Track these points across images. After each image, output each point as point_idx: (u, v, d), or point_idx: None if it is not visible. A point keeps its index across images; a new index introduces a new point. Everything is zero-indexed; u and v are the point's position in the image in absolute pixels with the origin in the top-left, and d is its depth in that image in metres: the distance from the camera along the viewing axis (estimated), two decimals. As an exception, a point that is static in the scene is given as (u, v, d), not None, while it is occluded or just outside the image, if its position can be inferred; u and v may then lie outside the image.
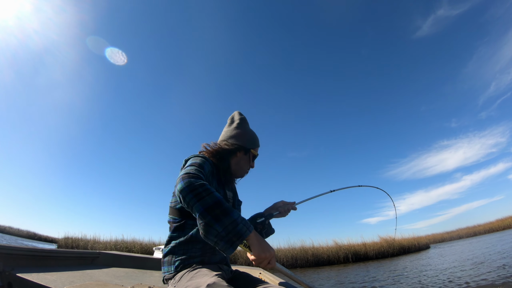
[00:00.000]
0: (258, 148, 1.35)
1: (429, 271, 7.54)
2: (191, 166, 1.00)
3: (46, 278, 1.41)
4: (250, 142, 1.29)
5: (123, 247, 13.48)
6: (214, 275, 0.89)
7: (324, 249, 14.33)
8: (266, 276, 1.97)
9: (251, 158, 1.30)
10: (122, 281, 1.71)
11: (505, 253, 8.67)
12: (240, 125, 1.32)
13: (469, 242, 18.41)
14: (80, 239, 15.29)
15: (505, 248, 9.99)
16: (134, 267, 2.46)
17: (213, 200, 0.82)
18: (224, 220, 0.80)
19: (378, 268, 10.28)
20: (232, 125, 1.33)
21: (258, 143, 1.34)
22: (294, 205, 1.36)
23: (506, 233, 19.16)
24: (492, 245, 12.39)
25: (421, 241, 18.18)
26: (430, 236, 23.12)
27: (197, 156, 1.11)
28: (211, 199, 0.82)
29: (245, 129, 1.32)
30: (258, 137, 1.35)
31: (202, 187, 0.84)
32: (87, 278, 1.62)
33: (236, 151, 1.26)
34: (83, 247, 14.41)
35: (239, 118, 1.35)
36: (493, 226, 24.05)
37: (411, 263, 10.98)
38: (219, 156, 1.22)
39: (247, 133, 1.31)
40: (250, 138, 1.31)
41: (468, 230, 25.35)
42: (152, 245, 13.67)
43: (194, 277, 0.91)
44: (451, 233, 25.48)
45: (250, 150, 1.29)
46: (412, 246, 16.89)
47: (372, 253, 14.92)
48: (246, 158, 1.28)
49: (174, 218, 1.07)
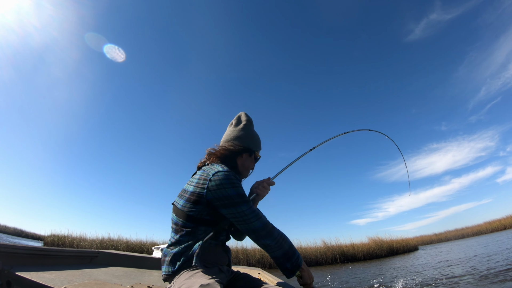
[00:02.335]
0: (260, 150, 1.39)
1: (416, 272, 7.58)
2: (247, 203, 1.11)
3: (45, 277, 1.39)
4: (255, 144, 1.33)
5: (109, 245, 13.31)
6: (210, 277, 0.94)
7: (313, 249, 14.36)
8: (265, 276, 2.01)
9: (254, 160, 1.35)
10: (121, 281, 1.70)
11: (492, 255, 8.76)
12: (246, 127, 1.35)
13: (457, 244, 18.64)
14: (66, 236, 15.06)
15: (493, 251, 10.10)
16: (133, 266, 2.45)
17: (288, 246, 1.12)
18: (292, 259, 1.11)
19: (366, 269, 10.32)
20: (239, 126, 1.35)
21: (261, 146, 1.38)
22: (270, 180, 1.35)
23: (494, 235, 19.45)
24: (483, 246, 12.54)
25: (409, 242, 18.32)
26: (419, 238, 23.39)
27: (228, 174, 1.12)
28: (286, 245, 1.12)
29: (251, 131, 1.35)
30: (259, 139, 1.39)
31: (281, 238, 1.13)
32: (86, 277, 1.61)
33: (242, 152, 1.29)
34: (69, 245, 14.24)
35: (246, 120, 1.37)
36: (481, 228, 24.43)
37: (399, 264, 11.05)
38: (226, 158, 1.25)
39: (253, 135, 1.34)
40: (256, 140, 1.34)
41: (457, 232, 25.77)
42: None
43: (191, 277, 0.96)
44: (440, 235, 25.85)
45: (255, 152, 1.33)
46: (401, 248, 17.01)
47: (360, 254, 14.99)
48: (250, 160, 1.32)
49: (185, 222, 1.11)
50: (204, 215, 1.10)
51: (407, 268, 9.06)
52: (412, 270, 8.14)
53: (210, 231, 1.12)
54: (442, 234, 25.89)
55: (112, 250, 5.39)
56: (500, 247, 10.49)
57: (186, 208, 1.11)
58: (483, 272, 5.76)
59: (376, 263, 12.37)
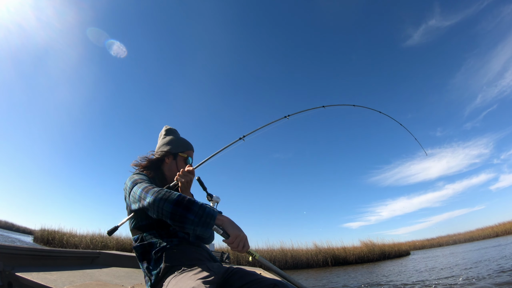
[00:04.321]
0: (189, 150, 1.43)
1: (406, 276, 7.57)
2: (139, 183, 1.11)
3: (46, 277, 1.40)
4: (175, 147, 1.39)
5: (98, 242, 13.17)
6: (197, 278, 0.91)
7: (304, 252, 14.31)
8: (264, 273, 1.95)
9: (182, 161, 1.38)
10: (122, 281, 1.71)
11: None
12: (165, 136, 1.45)
13: (449, 250, 18.73)
14: (56, 231, 14.89)
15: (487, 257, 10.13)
16: (134, 267, 2.44)
17: (177, 196, 0.97)
18: (193, 208, 0.95)
19: (357, 272, 10.30)
20: (159, 138, 1.47)
21: (186, 146, 1.42)
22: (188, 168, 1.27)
23: (486, 242, 19.57)
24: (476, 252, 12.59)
25: (401, 247, 18.37)
26: (411, 243, 23.45)
27: (132, 175, 1.21)
28: (175, 196, 0.97)
29: (170, 137, 1.43)
30: (188, 141, 1.45)
31: (163, 191, 1.00)
32: (87, 278, 1.61)
33: (164, 157, 1.36)
34: (59, 240, 14.09)
35: (164, 130, 1.48)
36: (474, 235, 24.54)
37: (390, 268, 11.05)
38: (151, 168, 1.33)
39: (172, 140, 1.41)
40: (175, 143, 1.40)
41: (449, 238, 25.86)
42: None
43: (179, 282, 0.93)
44: (432, 241, 25.88)
45: (178, 154, 1.37)
46: (393, 252, 17.04)
47: (352, 257, 14.97)
48: (175, 163, 1.37)
49: (132, 238, 1.17)
50: (138, 222, 1.17)
51: (397, 272, 9.05)
52: (402, 275, 8.13)
53: (150, 236, 1.13)
54: (435, 239, 25.99)
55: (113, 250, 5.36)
56: (496, 254, 10.52)
57: (130, 225, 1.19)
58: (471, 278, 5.75)
59: (368, 267, 12.37)
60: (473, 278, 5.81)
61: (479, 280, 5.46)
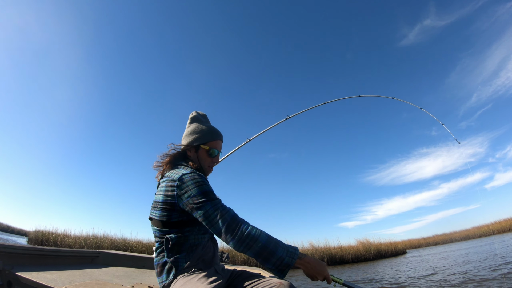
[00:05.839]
0: (213, 141, 1.28)
1: (403, 275, 7.56)
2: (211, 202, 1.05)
3: (45, 277, 1.40)
4: (197, 138, 1.26)
5: (93, 243, 13.06)
6: (206, 281, 0.96)
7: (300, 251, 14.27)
8: (267, 274, 1.98)
9: (204, 154, 1.26)
10: (122, 281, 1.71)
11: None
12: (189, 125, 1.32)
13: (445, 248, 18.81)
14: (50, 233, 14.77)
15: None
16: (134, 266, 2.45)
17: (259, 246, 0.97)
18: (272, 259, 0.96)
19: (353, 271, 10.30)
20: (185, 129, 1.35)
21: (209, 136, 1.27)
22: None
23: (482, 240, 19.70)
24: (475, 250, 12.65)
25: (398, 246, 18.42)
26: (407, 242, 23.52)
27: (194, 175, 1.10)
28: (257, 246, 0.96)
29: (193, 126, 1.30)
30: (213, 129, 1.30)
31: (248, 238, 0.97)
32: (87, 277, 1.60)
33: (185, 151, 1.27)
34: (53, 241, 13.98)
35: (190, 118, 1.34)
36: (469, 233, 24.75)
37: (387, 267, 11.05)
38: (177, 161, 1.24)
39: (195, 130, 1.28)
40: (198, 133, 1.27)
41: (445, 236, 26.04)
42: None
43: (187, 283, 0.97)
44: (428, 239, 26.04)
45: (200, 146, 1.25)
46: (389, 251, 17.08)
47: (349, 256, 14.99)
48: (197, 156, 1.26)
49: (164, 230, 1.10)
50: (180, 217, 1.10)
51: (394, 271, 9.05)
52: (399, 273, 8.13)
53: (189, 231, 1.11)
54: (430, 238, 26.15)
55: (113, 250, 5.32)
56: (490, 252, 10.57)
57: (164, 218, 1.10)
58: (467, 277, 5.75)
59: (364, 266, 12.38)
60: (468, 274, 5.82)
61: (476, 275, 5.45)
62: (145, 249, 13.04)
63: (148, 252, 12.73)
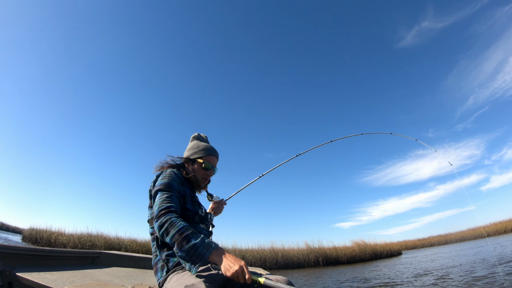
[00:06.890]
0: (208, 156, 1.43)
1: (398, 276, 7.56)
2: (161, 192, 1.13)
3: (46, 277, 1.40)
4: (194, 152, 1.43)
5: (87, 241, 12.99)
6: (199, 276, 0.99)
7: (295, 251, 14.28)
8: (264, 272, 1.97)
9: (199, 166, 1.41)
10: (122, 281, 1.70)
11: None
12: (190, 142, 1.51)
13: (440, 250, 18.87)
14: (44, 230, 14.68)
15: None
16: (134, 267, 2.44)
17: (176, 231, 0.97)
18: (186, 247, 0.95)
19: (348, 272, 10.29)
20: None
21: (205, 152, 1.43)
22: (224, 202, 1.70)
23: (478, 242, 19.76)
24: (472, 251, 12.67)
25: (393, 247, 18.46)
26: (402, 243, 23.67)
27: (169, 172, 1.26)
28: (174, 231, 0.97)
29: (192, 143, 1.49)
30: (209, 147, 1.46)
31: (167, 223, 1.00)
32: (88, 278, 1.60)
33: (184, 163, 1.45)
34: (47, 239, 13.89)
35: (192, 137, 1.53)
36: (465, 235, 24.84)
37: (382, 268, 11.06)
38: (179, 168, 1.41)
39: (194, 146, 1.46)
40: (195, 149, 1.44)
41: (440, 238, 26.13)
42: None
43: (180, 279, 1.01)
44: (423, 240, 26.12)
45: (196, 159, 1.41)
46: (384, 252, 17.11)
47: (344, 257, 14.98)
48: (191, 169, 1.42)
49: (152, 228, 1.19)
50: None
51: (389, 272, 9.06)
52: (393, 274, 8.13)
53: None
54: (426, 239, 26.24)
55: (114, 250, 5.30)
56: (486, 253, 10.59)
57: (151, 215, 1.20)
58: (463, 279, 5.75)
59: (359, 267, 12.38)
60: (464, 274, 5.82)
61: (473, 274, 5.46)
62: (139, 248, 12.97)
63: (142, 251, 12.70)
